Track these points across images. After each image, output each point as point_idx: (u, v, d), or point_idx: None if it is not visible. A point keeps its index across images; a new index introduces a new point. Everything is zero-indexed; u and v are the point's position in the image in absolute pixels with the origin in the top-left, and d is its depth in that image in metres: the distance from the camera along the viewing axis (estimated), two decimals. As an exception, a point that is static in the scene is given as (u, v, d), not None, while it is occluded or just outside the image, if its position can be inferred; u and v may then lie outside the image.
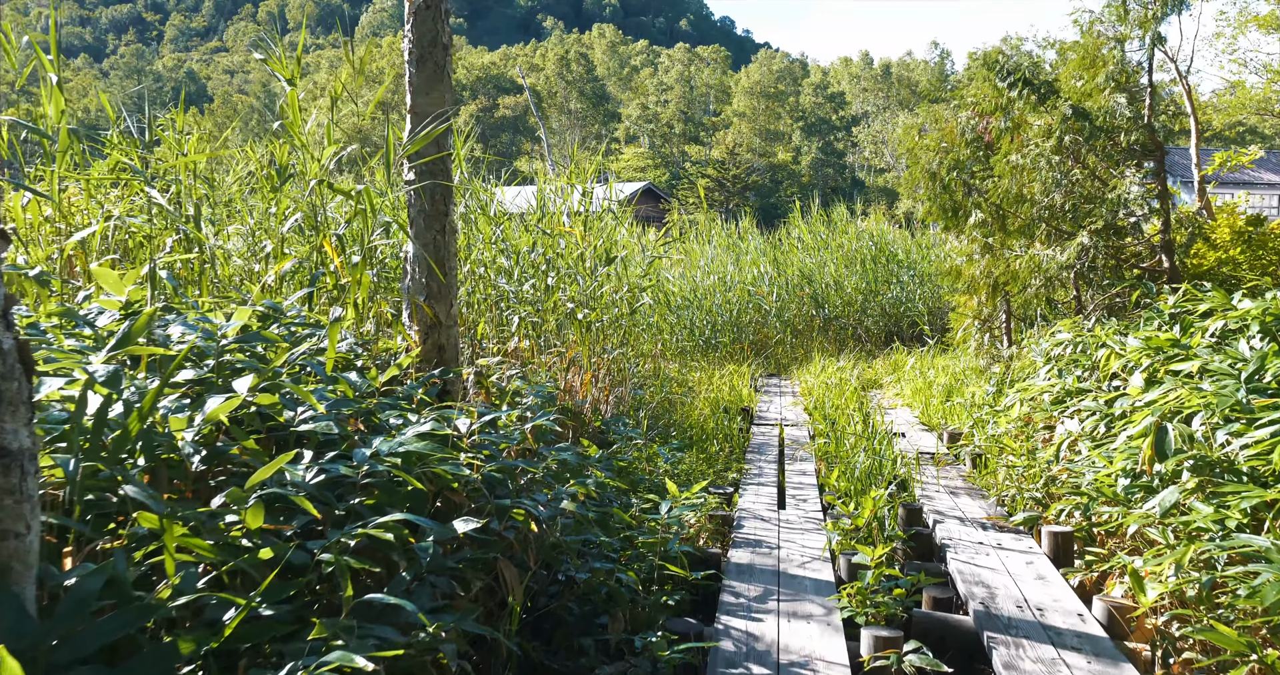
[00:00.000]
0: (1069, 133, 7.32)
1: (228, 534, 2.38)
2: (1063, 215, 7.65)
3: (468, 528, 2.68)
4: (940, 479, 6.10)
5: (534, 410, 4.95)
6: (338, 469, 2.67)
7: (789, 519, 5.11)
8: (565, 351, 6.05)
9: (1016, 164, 7.28)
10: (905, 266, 14.25)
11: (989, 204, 7.77)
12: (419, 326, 4.86)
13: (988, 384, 8.11)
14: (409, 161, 4.95)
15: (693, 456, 6.16)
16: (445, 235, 4.95)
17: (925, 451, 6.97)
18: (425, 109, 4.93)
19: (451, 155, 5.00)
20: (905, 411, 8.86)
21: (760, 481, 6.00)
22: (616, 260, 6.47)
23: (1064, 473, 5.30)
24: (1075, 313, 8.49)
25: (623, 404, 6.64)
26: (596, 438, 5.83)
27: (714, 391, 8.96)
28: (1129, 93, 7.54)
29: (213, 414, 2.57)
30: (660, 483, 5.37)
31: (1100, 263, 7.58)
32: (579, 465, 4.40)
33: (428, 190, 4.90)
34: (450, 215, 4.98)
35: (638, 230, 10.35)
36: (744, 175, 52.68)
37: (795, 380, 10.61)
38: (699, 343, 11.65)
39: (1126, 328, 6.46)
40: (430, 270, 4.89)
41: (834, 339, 13.00)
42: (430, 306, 4.86)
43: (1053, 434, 6.33)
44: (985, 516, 5.20)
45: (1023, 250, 8.04)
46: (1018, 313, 9.16)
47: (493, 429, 3.89)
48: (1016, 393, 6.97)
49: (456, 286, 4.98)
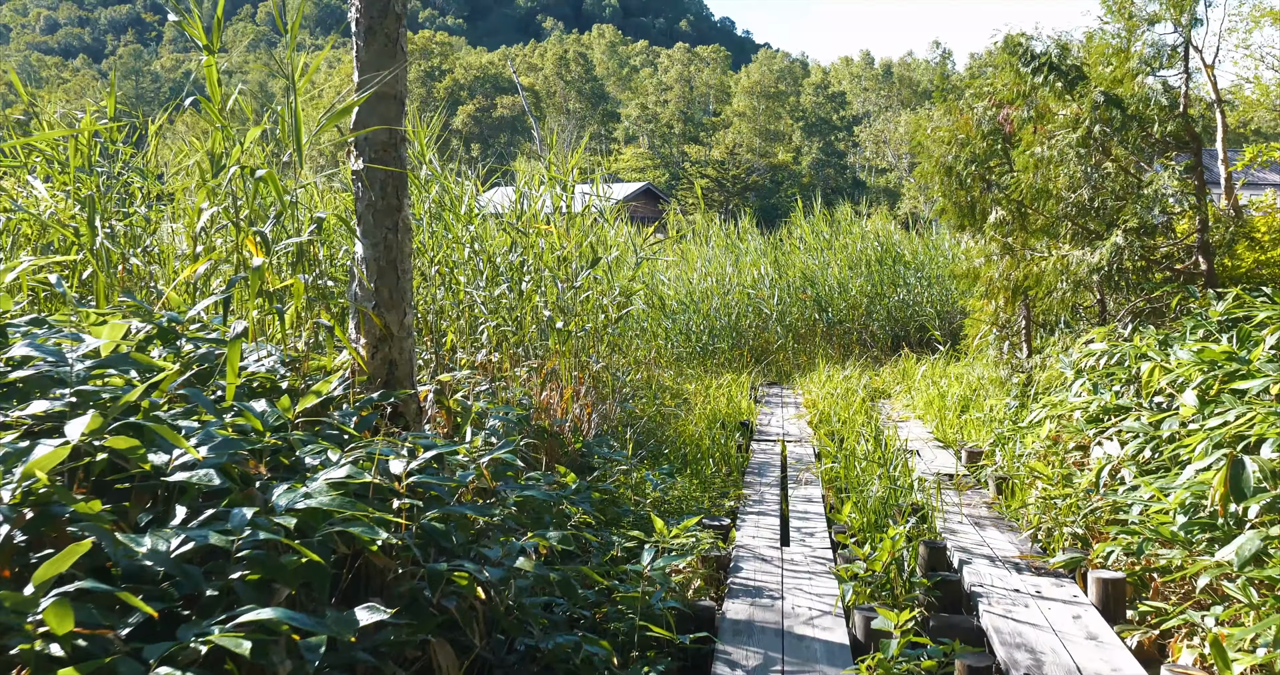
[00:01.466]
0: (1098, 122, 6.68)
1: (33, 638, 1.74)
2: (1090, 213, 7.00)
3: (374, 618, 2.03)
4: (962, 507, 5.46)
5: (499, 435, 4.30)
6: (205, 536, 2.03)
7: (794, 558, 4.47)
8: (543, 364, 5.41)
9: (1041, 157, 6.64)
10: (912, 268, 13.60)
11: (1010, 201, 7.13)
12: (367, 339, 4.22)
13: (1008, 396, 7.46)
14: (356, 148, 4.33)
15: (686, 482, 5.52)
16: (398, 233, 4.32)
17: (943, 473, 6.33)
18: (376, 90, 4.29)
19: (406, 140, 4.37)
20: (917, 425, 8.22)
21: (761, 510, 5.36)
22: (601, 262, 5.83)
23: (1107, 504, 4.66)
24: (1099, 319, 7.85)
25: (609, 421, 6.00)
26: (576, 462, 5.19)
27: (710, 404, 8.32)
28: (1163, 81, 6.91)
29: (32, 467, 1.93)
30: (646, 515, 4.73)
31: (1130, 265, 6.93)
32: (550, 502, 3.76)
33: (377, 181, 4.27)
34: (404, 210, 4.35)
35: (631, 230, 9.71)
36: (744, 175, 52.05)
37: (798, 389, 9.97)
38: (695, 349, 11.00)
39: (1166, 337, 5.82)
40: (381, 274, 4.26)
41: (838, 344, 12.35)
42: (380, 316, 4.23)
43: (1086, 456, 5.69)
44: (1018, 555, 4.55)
45: (1046, 251, 7.40)
46: (1037, 318, 8.52)
47: (440, 466, 3.25)
48: (1043, 408, 6.33)
49: (411, 293, 4.35)
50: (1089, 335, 6.58)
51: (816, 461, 6.55)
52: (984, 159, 7.70)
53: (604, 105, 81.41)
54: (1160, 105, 6.49)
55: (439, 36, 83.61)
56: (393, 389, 4.24)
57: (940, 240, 14.72)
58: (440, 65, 78.93)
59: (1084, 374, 6.17)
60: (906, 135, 52.15)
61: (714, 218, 15.07)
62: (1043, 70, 6.81)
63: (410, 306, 4.33)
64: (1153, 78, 7.04)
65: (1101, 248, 6.52)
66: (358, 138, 4.26)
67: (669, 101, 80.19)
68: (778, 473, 6.35)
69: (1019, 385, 7.54)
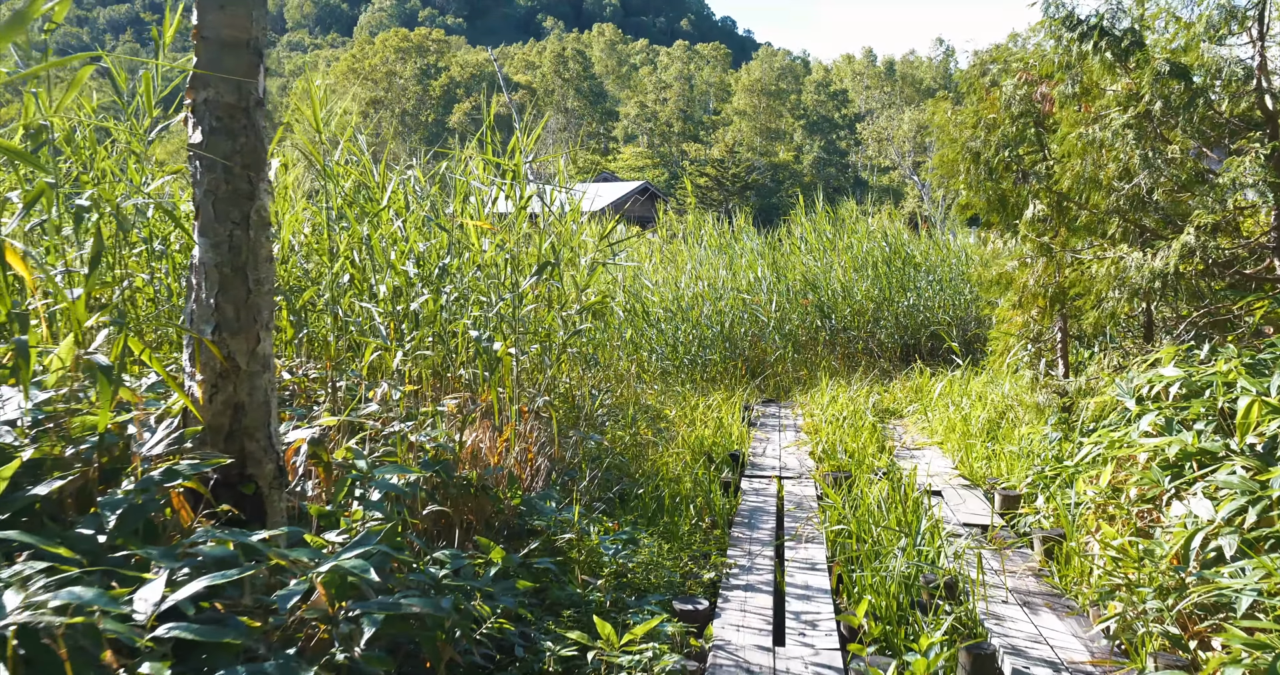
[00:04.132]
0: (1159, 98, 5.54)
1: None
2: (1146, 207, 5.86)
3: None
4: (1005, 575, 4.32)
5: (401, 505, 3.17)
6: None
7: (791, 668, 3.33)
8: (474, 396, 4.29)
9: (1093, 139, 5.50)
10: (923, 270, 12.45)
11: (1050, 192, 5.99)
12: (204, 375, 3.10)
13: (1046, 424, 6.32)
14: (194, 115, 3.21)
15: (655, 544, 4.39)
16: (250, 230, 3.21)
17: (974, 522, 5.20)
18: (221, 33, 3.19)
19: (263, 105, 3.25)
20: (936, 453, 7.09)
21: (749, 582, 4.22)
22: (552, 267, 4.69)
23: (1202, 590, 3.52)
24: (1144, 334, 6.72)
25: (559, 465, 4.86)
26: (512, 524, 4.05)
27: (696, 428, 7.18)
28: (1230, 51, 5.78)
29: None
30: (596, 602, 3.60)
31: (1187, 269, 5.79)
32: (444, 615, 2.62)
33: (221, 157, 3.17)
34: (259, 198, 3.24)
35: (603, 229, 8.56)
36: (744, 174, 50.90)
37: (798, 409, 8.83)
38: (683, 361, 9.86)
39: (1255, 360, 4.68)
40: (224, 285, 3.15)
41: (842, 355, 11.21)
42: (221, 343, 3.11)
43: (1158, 510, 4.55)
44: (1090, 660, 3.42)
45: (1090, 252, 6.27)
46: (1073, 331, 7.37)
47: (235, 592, 2.14)
48: (1096, 443, 5.20)
49: (271, 311, 3.23)
50: (1154, 354, 5.44)
51: (820, 509, 5.41)
52: (1015, 144, 6.57)
53: (603, 104, 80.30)
54: (1238, 76, 5.36)
55: (435, 34, 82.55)
56: (237, 443, 3.13)
57: (950, 240, 13.58)
58: (436, 63, 77.85)
59: (1145, 402, 5.03)
60: (910, 132, 51.06)
61: (705, 216, 13.92)
62: (1091, 36, 5.67)
63: (267, 329, 3.21)
64: (1220, 46, 5.92)
65: (1165, 249, 5.38)
66: (194, 100, 3.15)
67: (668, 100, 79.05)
68: (772, 523, 5.21)
69: (1056, 410, 6.40)
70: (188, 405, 3.01)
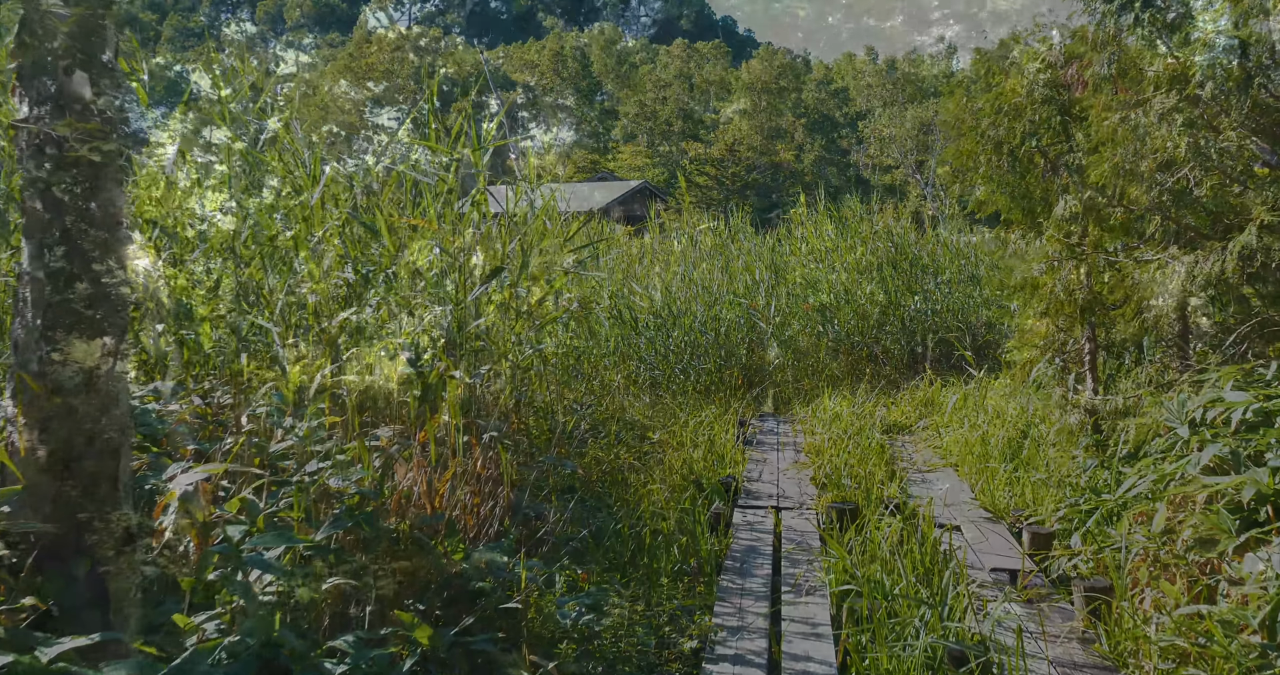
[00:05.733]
0: (1209, 79, 4.86)
1: None
2: (1193, 204, 5.18)
3: None
4: (1046, 640, 3.63)
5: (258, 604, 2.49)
6: None
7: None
8: (408, 429, 3.61)
9: (1136, 124, 4.81)
10: (930, 272, 11.74)
11: (1086, 186, 5.30)
12: (27, 415, 2.43)
13: (1078, 448, 5.63)
14: (20, 84, 2.55)
15: (627, 606, 3.69)
16: (95, 226, 2.54)
17: (1001, 567, 4.51)
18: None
19: (114, 66, 2.57)
20: (951, 476, 6.39)
21: (739, 653, 3.53)
22: (502, 274, 4.00)
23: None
24: (1178, 345, 6.04)
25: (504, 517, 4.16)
26: (454, 585, 3.36)
27: (685, 450, 6.49)
28: None
29: None
30: None
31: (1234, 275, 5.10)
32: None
33: (54, 135, 2.52)
34: (107, 188, 2.57)
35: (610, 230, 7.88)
36: (744, 173, 50.16)
37: (798, 425, 8.14)
38: (674, 371, 9.16)
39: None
40: (56, 299, 2.50)
41: (845, 361, 10.51)
42: (52, 375, 2.46)
43: (1223, 562, 3.85)
44: (1164, 770, 2.72)
45: (1125, 255, 5.59)
46: (1101, 340, 6.67)
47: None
48: (1140, 475, 4.51)
49: (122, 330, 2.55)
50: (1203, 371, 4.75)
51: (823, 549, 4.71)
52: (1042, 131, 5.88)
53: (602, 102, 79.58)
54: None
55: (433, 32, 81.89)
56: (69, 504, 2.45)
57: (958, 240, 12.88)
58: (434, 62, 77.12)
59: (1202, 430, 4.34)
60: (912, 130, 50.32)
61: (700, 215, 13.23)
62: (1132, 7, 4.99)
63: (121, 355, 2.53)
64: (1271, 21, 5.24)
65: (1219, 251, 4.69)
66: (20, 64, 2.48)
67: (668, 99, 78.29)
68: (768, 568, 4.52)
69: (1089, 433, 5.71)
70: (1, 459, 2.33)
